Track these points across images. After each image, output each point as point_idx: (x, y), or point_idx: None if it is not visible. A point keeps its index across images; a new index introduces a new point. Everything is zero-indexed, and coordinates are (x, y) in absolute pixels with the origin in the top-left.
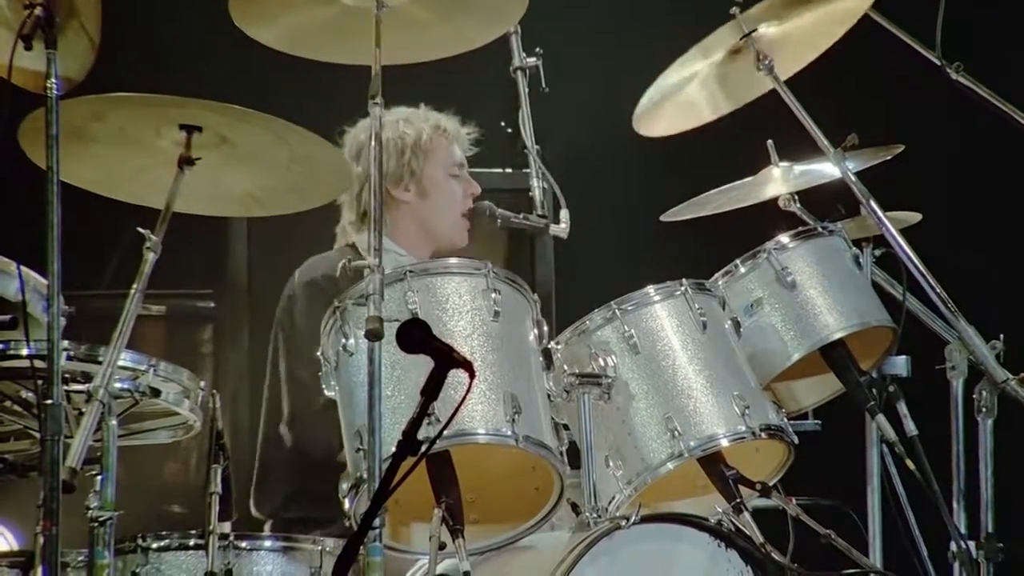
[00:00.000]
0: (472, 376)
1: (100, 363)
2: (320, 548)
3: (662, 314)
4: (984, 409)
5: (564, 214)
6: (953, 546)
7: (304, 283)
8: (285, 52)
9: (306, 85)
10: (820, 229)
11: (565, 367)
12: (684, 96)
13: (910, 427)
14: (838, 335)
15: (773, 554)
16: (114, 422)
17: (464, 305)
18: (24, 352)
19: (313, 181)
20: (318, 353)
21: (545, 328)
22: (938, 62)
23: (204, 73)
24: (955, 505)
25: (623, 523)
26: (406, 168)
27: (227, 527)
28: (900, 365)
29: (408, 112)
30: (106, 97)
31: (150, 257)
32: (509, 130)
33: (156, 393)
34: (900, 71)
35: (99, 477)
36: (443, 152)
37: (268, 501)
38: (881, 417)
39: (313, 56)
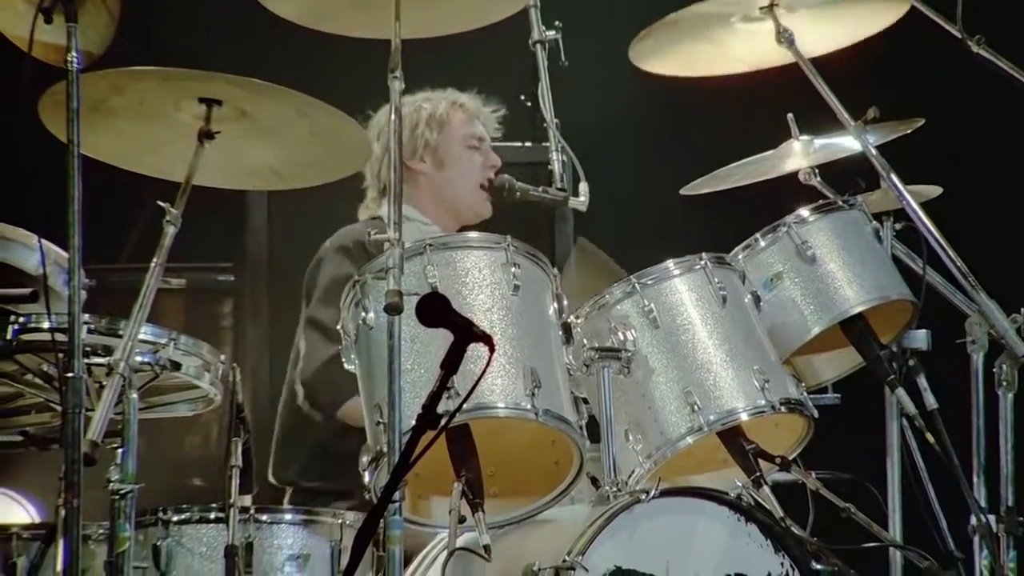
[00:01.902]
0: (492, 350)
1: (121, 336)
2: (340, 521)
3: (682, 288)
4: (1004, 383)
5: (583, 187)
6: (973, 520)
7: (336, 247)
8: (305, 26)
9: (326, 59)
10: (840, 203)
11: (585, 341)
12: (694, 41)
13: (930, 401)
14: (858, 309)
15: (792, 528)
16: (135, 395)
17: (484, 279)
18: (45, 325)
19: (333, 155)
20: (338, 326)
21: (565, 302)
22: (959, 35)
23: (224, 47)
24: (975, 479)
25: (643, 497)
26: (420, 139)
27: (247, 500)
28: (920, 339)
29: (433, 92)
30: (126, 71)
31: (170, 230)
32: (528, 104)
33: (176, 366)
34: (921, 44)
35: (120, 450)
36: (459, 124)
37: (285, 469)
38: (901, 391)
39: (333, 30)
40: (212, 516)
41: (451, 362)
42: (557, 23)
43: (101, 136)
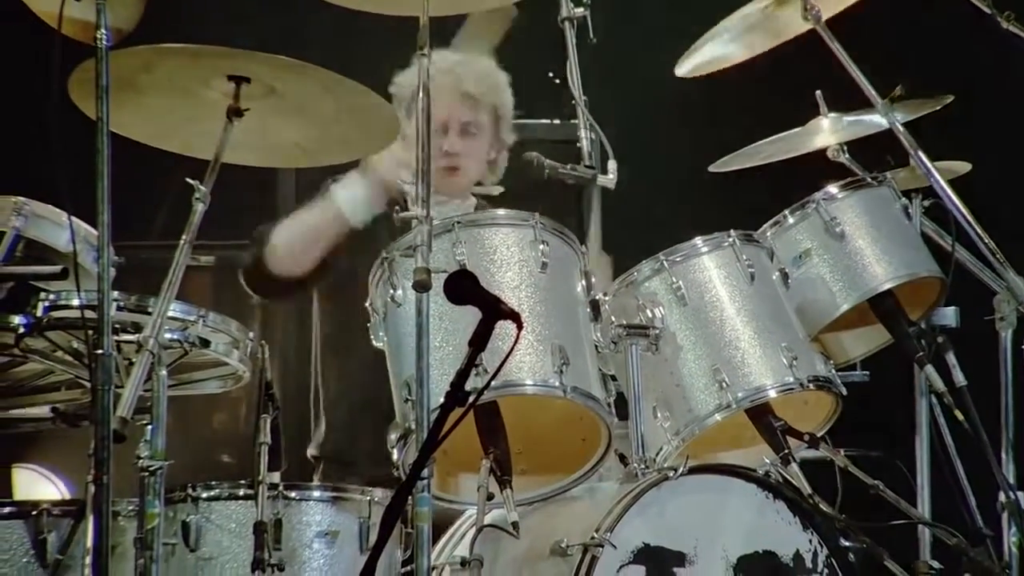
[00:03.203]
0: (520, 327)
1: (150, 314)
2: (369, 498)
3: (710, 265)
4: None
5: (612, 165)
6: (1002, 496)
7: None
8: (333, 3)
9: (354, 36)
10: (869, 180)
11: (613, 318)
12: (722, 40)
13: (959, 377)
14: (887, 286)
15: (821, 505)
16: (164, 372)
17: (512, 256)
18: (75, 302)
19: (361, 132)
20: (367, 303)
21: (593, 279)
22: (988, 10)
23: (253, 24)
24: (1004, 455)
25: (671, 474)
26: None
27: (276, 477)
28: (949, 316)
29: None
30: (155, 48)
31: (199, 208)
32: (557, 81)
33: (205, 344)
34: (949, 20)
35: (149, 427)
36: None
37: (315, 440)
38: (930, 368)
39: (361, 7)
40: (241, 493)
41: (479, 339)
42: (585, 0)
43: (130, 114)
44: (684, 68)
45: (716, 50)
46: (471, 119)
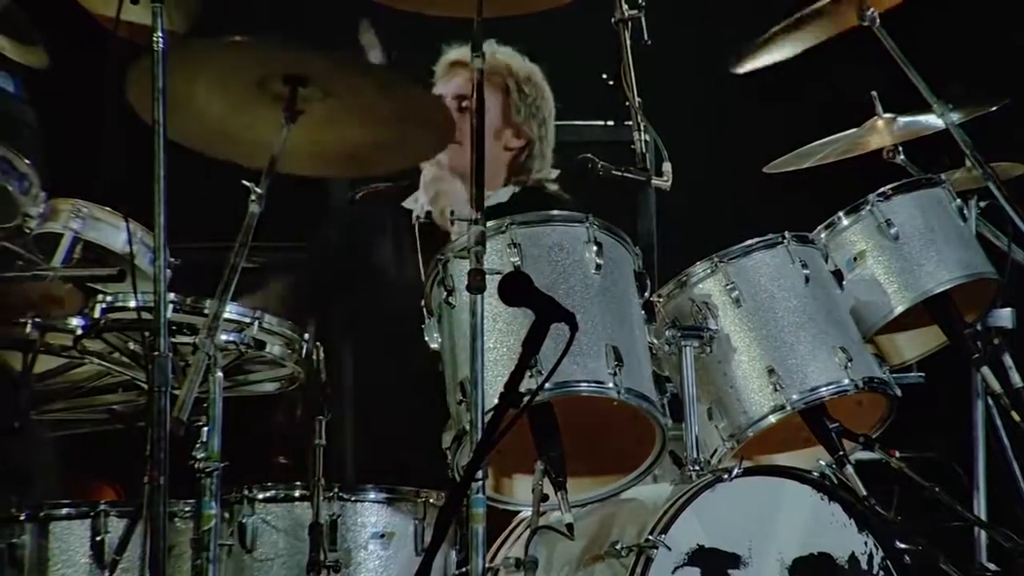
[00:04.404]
0: (574, 328)
1: (205, 315)
2: (424, 499)
3: (764, 266)
4: None
5: (667, 167)
6: None
7: None
8: (387, 5)
9: (405, 37)
10: (924, 180)
11: (667, 319)
12: (792, 42)
13: (1015, 379)
14: (943, 287)
15: (877, 507)
16: (220, 374)
17: (566, 257)
18: (132, 304)
19: (417, 135)
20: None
21: (647, 281)
22: None
23: (306, 27)
24: None
25: (725, 476)
26: None
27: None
28: (1005, 317)
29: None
30: (211, 41)
31: (254, 210)
32: (611, 83)
33: (261, 345)
34: (1006, 20)
35: (205, 428)
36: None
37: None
38: (986, 369)
39: (415, 9)
40: (297, 494)
41: (533, 341)
42: (640, 1)
43: (185, 121)
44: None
45: (773, 53)
46: (466, 92)
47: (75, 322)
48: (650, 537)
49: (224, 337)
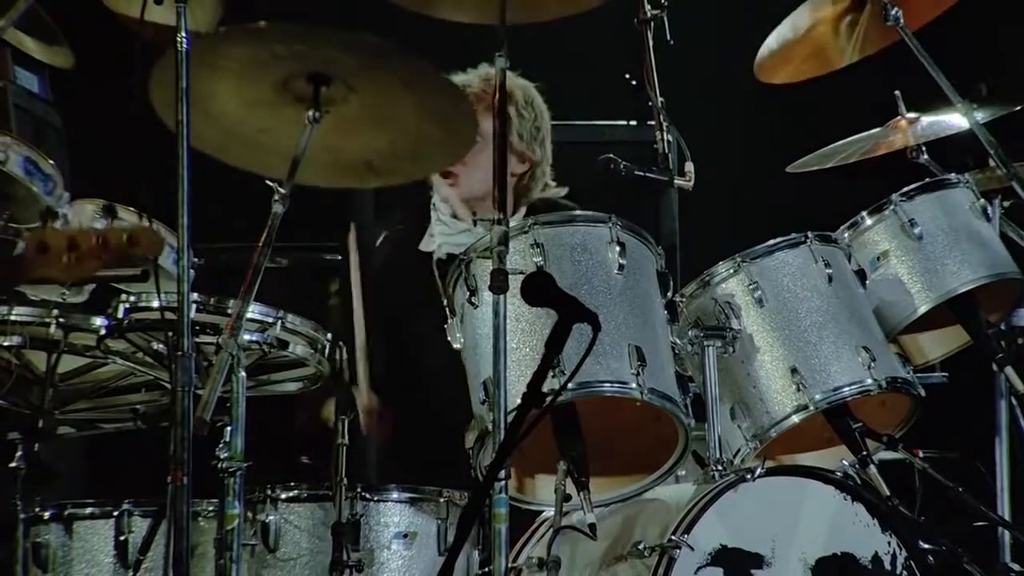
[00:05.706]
0: (597, 329)
1: (229, 315)
2: (447, 499)
3: (787, 266)
4: None
5: (689, 167)
6: None
7: None
8: (409, 9)
9: (428, 43)
10: (948, 180)
11: (690, 319)
12: (807, 44)
13: None
14: (966, 287)
15: (900, 507)
16: (243, 373)
17: (589, 258)
18: (155, 304)
19: (441, 138)
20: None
21: (670, 280)
22: None
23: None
24: None
25: (748, 476)
26: None
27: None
28: None
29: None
30: (235, 28)
31: (278, 210)
32: (634, 83)
33: (284, 345)
34: None
35: (228, 428)
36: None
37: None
38: (1010, 369)
39: (437, 14)
40: (320, 493)
41: (556, 341)
42: (663, 1)
43: (206, 126)
44: (771, 76)
45: (802, 53)
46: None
47: (98, 322)
48: (673, 537)
49: (247, 337)
